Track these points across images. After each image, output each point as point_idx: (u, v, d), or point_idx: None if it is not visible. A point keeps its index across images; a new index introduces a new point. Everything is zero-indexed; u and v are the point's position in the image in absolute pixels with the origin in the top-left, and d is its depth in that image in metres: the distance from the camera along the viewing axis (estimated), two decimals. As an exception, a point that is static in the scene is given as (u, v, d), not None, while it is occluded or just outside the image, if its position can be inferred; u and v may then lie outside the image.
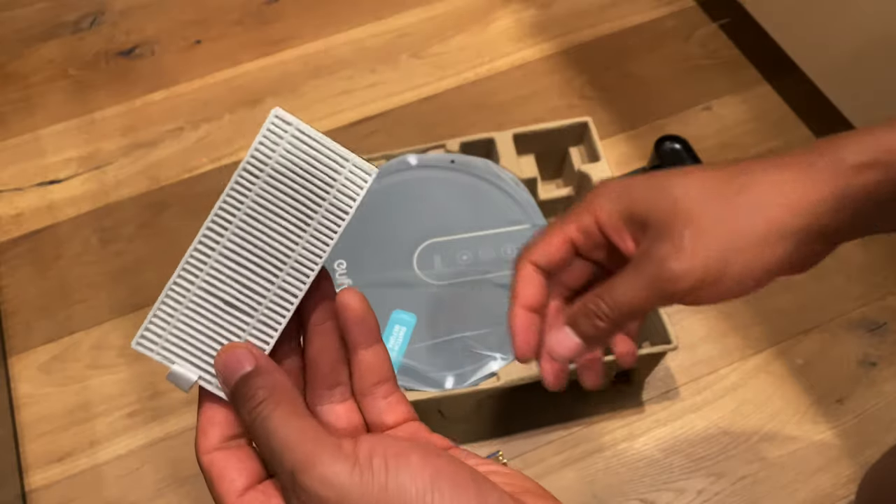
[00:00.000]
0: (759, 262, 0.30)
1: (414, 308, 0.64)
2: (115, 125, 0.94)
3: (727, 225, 0.30)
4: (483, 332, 0.63)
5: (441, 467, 0.21)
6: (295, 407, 0.23)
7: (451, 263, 0.66)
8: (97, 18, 1.04)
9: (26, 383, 0.75)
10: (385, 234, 0.68)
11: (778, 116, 0.90)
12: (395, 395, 0.27)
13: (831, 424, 0.70)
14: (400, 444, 0.21)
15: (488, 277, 0.66)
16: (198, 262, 0.25)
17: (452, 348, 0.62)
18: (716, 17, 1.00)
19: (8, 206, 0.88)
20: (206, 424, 0.25)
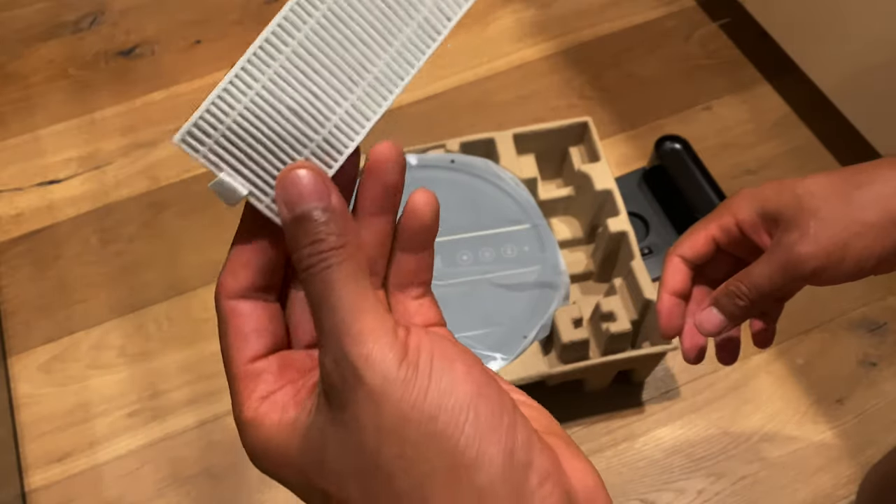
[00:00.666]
0: (877, 246, 0.35)
1: None
2: (115, 125, 0.94)
3: (848, 215, 0.35)
4: (483, 332, 0.63)
5: (483, 386, 0.19)
6: (363, 268, 0.20)
7: (451, 263, 0.67)
8: (97, 18, 1.04)
9: (26, 383, 0.75)
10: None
11: (778, 116, 0.90)
12: (427, 297, 0.24)
13: (831, 424, 0.70)
14: (448, 348, 0.20)
15: (488, 277, 0.66)
16: (267, 56, 0.21)
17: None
18: (716, 16, 1.00)
19: (8, 206, 0.88)
20: (237, 264, 0.21)
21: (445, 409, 0.18)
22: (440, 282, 0.66)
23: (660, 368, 0.73)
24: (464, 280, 0.66)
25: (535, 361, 0.63)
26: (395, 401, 0.18)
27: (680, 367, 0.74)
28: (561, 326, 0.63)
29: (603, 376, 0.69)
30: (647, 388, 0.72)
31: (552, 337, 0.65)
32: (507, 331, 0.62)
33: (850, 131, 0.81)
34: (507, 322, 0.63)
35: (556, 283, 0.66)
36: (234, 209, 0.37)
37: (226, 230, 0.93)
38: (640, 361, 0.67)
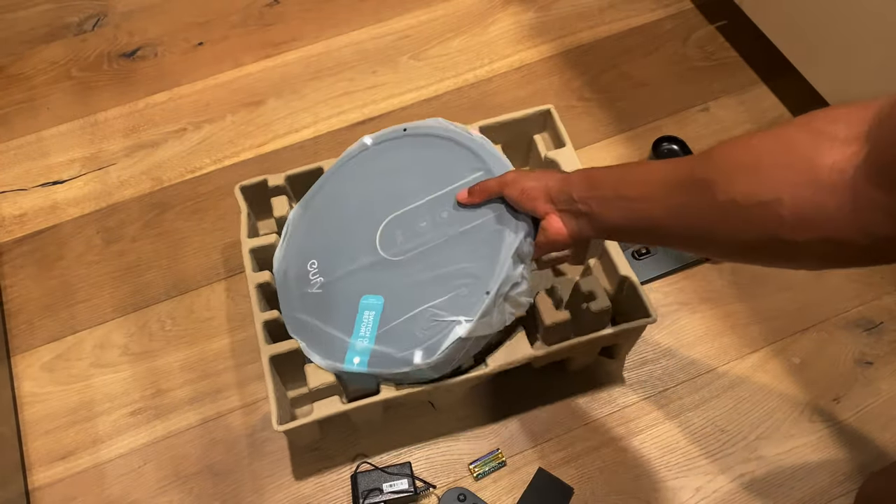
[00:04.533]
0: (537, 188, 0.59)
1: (381, 290, 0.63)
2: (118, 126, 0.94)
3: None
4: (446, 298, 0.60)
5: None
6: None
7: (412, 234, 0.64)
8: (100, 20, 1.05)
9: (29, 382, 0.76)
10: (349, 224, 0.67)
11: (775, 117, 0.91)
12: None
13: (828, 423, 0.71)
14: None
15: (448, 237, 0.62)
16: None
17: (419, 321, 0.60)
18: (713, 19, 1.00)
19: (12, 207, 0.88)
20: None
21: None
22: (401, 256, 0.63)
23: (658, 367, 0.74)
24: (424, 248, 0.63)
25: (521, 345, 0.64)
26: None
27: (678, 366, 0.74)
28: (542, 309, 0.64)
29: (586, 355, 0.70)
30: (646, 386, 0.73)
31: (534, 320, 0.66)
32: (469, 291, 0.59)
33: (847, 132, 0.82)
34: (470, 281, 0.59)
35: (509, 223, 0.60)
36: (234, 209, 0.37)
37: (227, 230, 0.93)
38: (622, 337, 0.67)
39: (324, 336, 0.63)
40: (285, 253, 0.70)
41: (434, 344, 0.58)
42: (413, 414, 0.72)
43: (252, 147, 0.91)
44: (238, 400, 0.74)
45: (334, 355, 0.62)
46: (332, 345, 0.62)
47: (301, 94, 0.96)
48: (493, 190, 0.59)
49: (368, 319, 0.62)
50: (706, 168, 0.41)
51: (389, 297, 0.62)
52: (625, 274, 0.67)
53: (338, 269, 0.66)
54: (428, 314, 0.59)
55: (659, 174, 0.45)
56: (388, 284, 0.63)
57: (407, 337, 0.60)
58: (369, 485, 0.66)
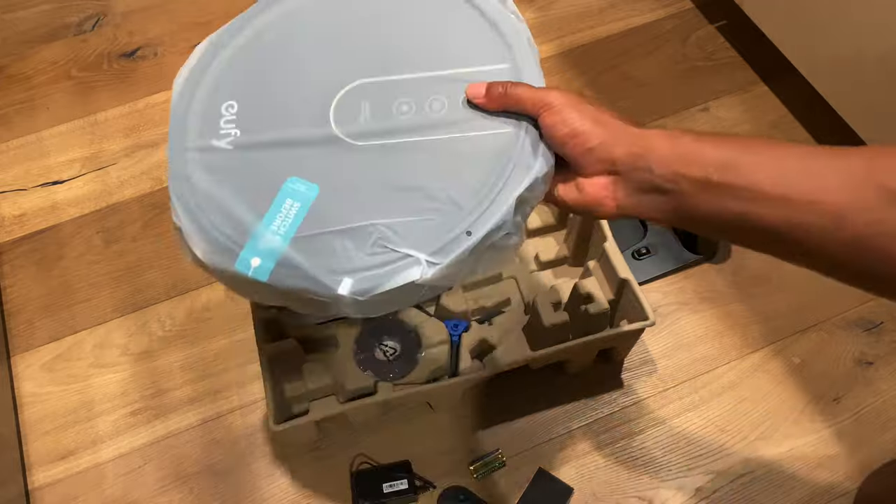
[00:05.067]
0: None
1: (318, 177, 0.44)
2: (118, 126, 0.94)
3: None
4: (406, 221, 0.42)
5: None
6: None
7: (383, 116, 0.45)
8: (100, 20, 1.05)
9: (29, 382, 0.76)
10: (296, 72, 0.48)
11: (775, 117, 0.91)
12: None
13: (828, 423, 0.71)
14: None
15: (433, 139, 0.44)
16: None
17: (359, 239, 0.42)
18: (713, 18, 1.00)
19: (12, 207, 0.88)
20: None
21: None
22: (362, 141, 0.45)
23: (658, 367, 0.74)
24: (397, 141, 0.45)
25: (519, 347, 0.64)
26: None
27: (678, 366, 0.74)
28: (542, 310, 0.64)
29: (585, 356, 0.70)
30: (646, 386, 0.73)
31: (533, 321, 0.65)
32: (441, 221, 0.42)
33: (847, 132, 0.82)
34: (446, 208, 0.42)
35: (525, 150, 0.43)
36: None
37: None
38: (620, 339, 0.67)
39: (217, 212, 0.44)
40: (190, 76, 0.49)
41: (372, 278, 0.41)
42: (412, 414, 0.72)
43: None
44: (238, 400, 0.74)
45: (225, 245, 0.42)
46: (227, 228, 0.43)
47: (301, 94, 0.96)
48: (524, 104, 0.42)
49: (289, 211, 0.43)
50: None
51: (327, 191, 0.44)
52: (624, 276, 0.67)
53: (265, 127, 0.46)
54: (375, 233, 0.42)
55: (823, 165, 0.33)
56: (331, 174, 0.44)
57: (336, 254, 0.42)
58: (369, 484, 0.66)
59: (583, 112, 0.41)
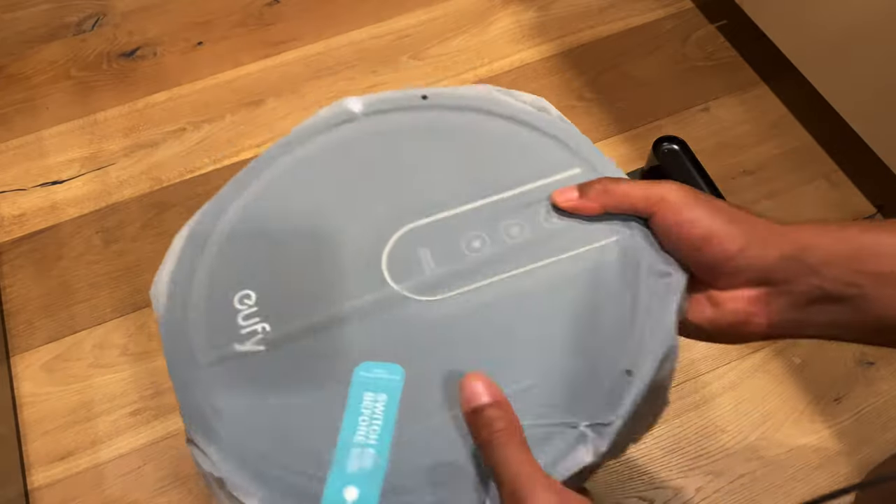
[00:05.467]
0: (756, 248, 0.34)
1: (394, 354, 0.33)
2: (118, 126, 0.94)
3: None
4: (535, 382, 0.32)
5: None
6: (524, 441, 0.27)
7: (453, 258, 0.36)
8: (100, 20, 1.05)
9: (29, 382, 0.76)
10: (327, 228, 0.37)
11: (775, 117, 0.91)
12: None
13: (829, 423, 0.71)
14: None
15: (529, 269, 0.35)
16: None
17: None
18: (713, 18, 1.00)
19: (11, 207, 0.88)
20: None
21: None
22: (436, 295, 0.34)
23: (658, 367, 0.74)
24: (477, 285, 0.35)
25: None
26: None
27: (678, 367, 0.74)
28: None
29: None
30: (646, 386, 0.73)
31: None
32: (583, 368, 0.32)
33: (848, 132, 0.82)
34: (581, 350, 0.33)
35: (658, 265, 0.34)
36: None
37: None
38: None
39: (270, 441, 0.32)
40: (175, 277, 0.38)
41: (545, 465, 0.30)
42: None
43: (251, 147, 0.91)
44: (238, 400, 0.74)
45: (296, 486, 0.30)
46: (290, 460, 0.31)
47: (301, 93, 0.96)
48: (633, 200, 0.34)
49: (374, 409, 0.32)
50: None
51: (415, 369, 0.33)
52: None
53: (303, 310, 0.35)
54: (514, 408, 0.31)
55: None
56: (412, 345, 0.33)
57: (464, 451, 0.31)
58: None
59: (711, 208, 0.32)
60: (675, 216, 0.32)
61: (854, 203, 0.85)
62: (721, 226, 0.32)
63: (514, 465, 0.26)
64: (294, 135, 0.40)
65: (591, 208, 0.35)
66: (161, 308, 0.37)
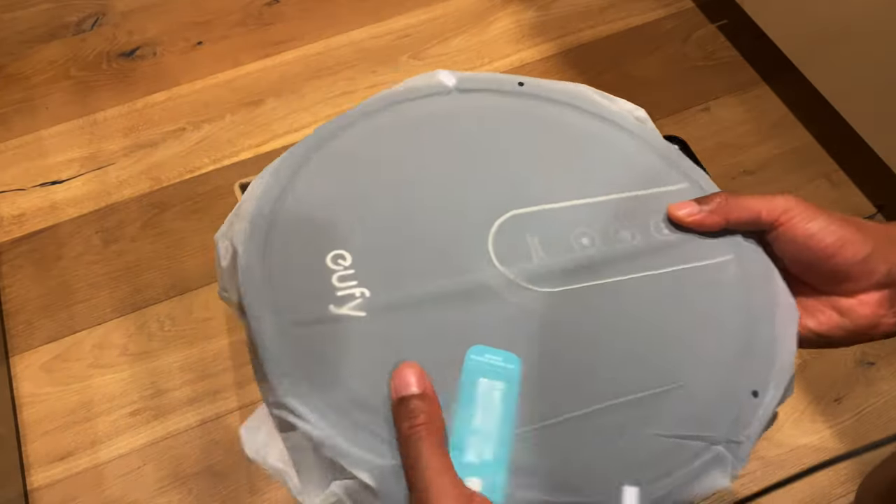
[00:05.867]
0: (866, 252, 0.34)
1: (508, 342, 0.31)
2: (117, 126, 0.94)
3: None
4: (664, 390, 0.30)
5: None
6: (442, 439, 0.26)
7: (563, 251, 0.34)
8: (99, 20, 1.05)
9: (28, 382, 0.76)
10: (425, 199, 0.35)
11: (776, 117, 0.91)
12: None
13: (829, 423, 0.71)
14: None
15: (651, 275, 0.34)
16: None
17: (623, 427, 0.29)
18: (714, 18, 1.00)
19: (10, 207, 0.88)
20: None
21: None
22: (546, 287, 0.32)
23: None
24: (595, 283, 0.33)
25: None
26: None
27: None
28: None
29: None
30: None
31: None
32: (712, 381, 0.31)
33: (848, 132, 0.82)
34: (709, 369, 0.31)
35: (773, 286, 0.34)
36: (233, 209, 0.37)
37: (227, 230, 0.92)
38: None
39: (372, 415, 0.28)
40: (256, 222, 0.33)
41: (668, 484, 0.28)
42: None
43: (251, 147, 0.91)
44: (237, 401, 0.73)
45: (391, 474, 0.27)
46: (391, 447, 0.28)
47: (300, 93, 0.96)
48: (756, 213, 0.34)
49: (490, 396, 0.29)
50: None
51: (532, 360, 0.31)
52: None
53: (403, 279, 0.32)
54: (629, 415, 0.30)
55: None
56: (527, 335, 0.31)
57: (592, 452, 0.29)
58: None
59: (834, 216, 0.33)
60: (805, 226, 0.33)
61: (854, 203, 0.85)
62: (851, 232, 0.32)
63: (429, 469, 0.25)
64: (381, 99, 0.38)
65: (715, 222, 0.34)
66: (242, 258, 0.32)
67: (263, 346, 0.29)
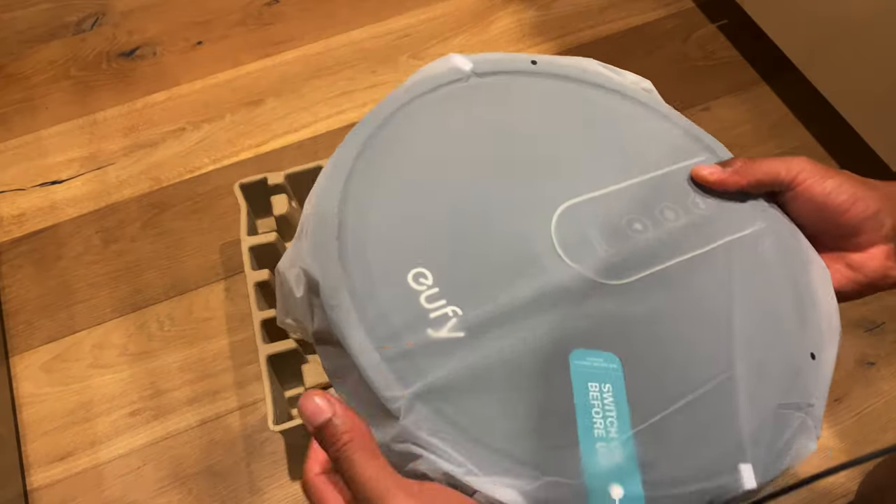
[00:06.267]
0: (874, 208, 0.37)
1: (600, 341, 0.31)
2: (117, 126, 0.94)
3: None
4: (753, 362, 0.31)
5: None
6: (372, 447, 0.27)
7: (618, 239, 0.34)
8: (99, 19, 1.05)
9: (28, 382, 0.76)
10: (482, 199, 0.34)
11: (776, 117, 0.91)
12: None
13: (829, 423, 0.70)
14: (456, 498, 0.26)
15: (704, 252, 0.35)
16: None
17: (712, 405, 0.30)
18: (714, 18, 1.00)
19: (10, 207, 0.88)
20: (316, 452, 0.29)
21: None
22: (618, 280, 0.33)
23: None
24: (664, 267, 0.34)
25: None
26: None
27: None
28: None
29: None
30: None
31: None
32: (788, 348, 0.32)
33: (848, 132, 0.82)
34: (770, 338, 0.33)
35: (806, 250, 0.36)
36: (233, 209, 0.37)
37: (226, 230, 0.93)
38: None
39: (506, 440, 0.28)
40: (319, 242, 0.31)
41: (770, 452, 0.30)
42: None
43: (251, 147, 0.91)
44: (237, 401, 0.73)
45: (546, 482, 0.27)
46: (526, 453, 0.28)
47: (300, 93, 0.96)
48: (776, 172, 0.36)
49: (603, 399, 0.29)
50: None
51: (629, 357, 0.31)
52: None
53: (487, 292, 0.31)
54: (731, 389, 0.31)
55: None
56: (616, 331, 0.32)
57: (699, 440, 0.29)
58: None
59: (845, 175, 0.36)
60: (822, 184, 0.36)
61: (855, 203, 0.85)
62: (862, 189, 0.35)
63: (370, 479, 0.26)
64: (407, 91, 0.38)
65: (736, 181, 0.37)
66: (327, 289, 0.30)
67: (368, 374, 0.28)
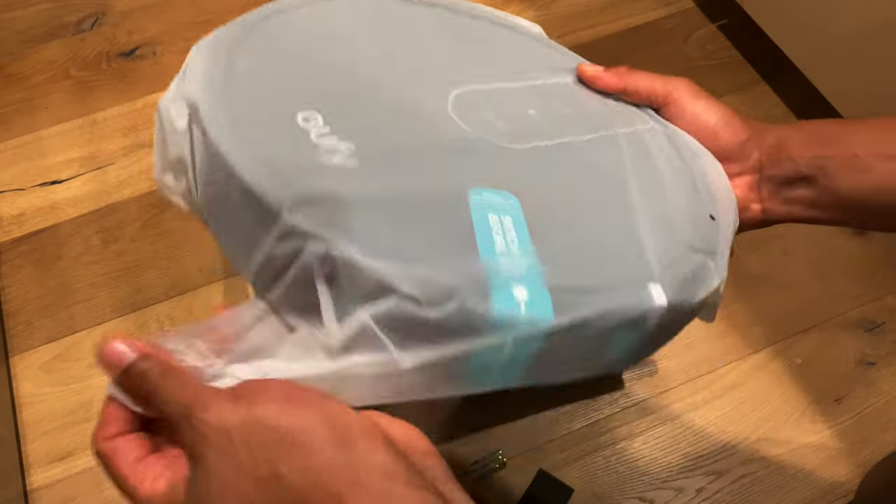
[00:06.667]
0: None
1: (500, 184, 0.32)
2: (117, 125, 0.94)
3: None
4: (656, 214, 0.34)
5: (294, 394, 0.25)
6: (186, 371, 0.27)
7: (518, 119, 0.37)
8: (99, 19, 1.05)
9: (28, 382, 0.76)
10: (379, 73, 0.36)
11: (776, 116, 0.91)
12: None
13: (829, 424, 0.70)
14: (267, 381, 0.26)
15: (602, 136, 0.38)
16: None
17: (621, 242, 0.33)
18: (714, 18, 1.00)
19: (10, 207, 0.88)
20: (106, 417, 0.28)
21: (269, 416, 0.24)
22: (515, 144, 0.36)
23: (659, 368, 0.74)
24: (562, 141, 0.37)
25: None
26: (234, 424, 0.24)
27: (679, 367, 0.74)
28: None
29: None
30: (647, 386, 0.73)
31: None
32: (692, 211, 0.35)
33: (848, 132, 0.82)
34: (677, 204, 0.35)
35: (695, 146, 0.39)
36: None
37: (227, 230, 0.91)
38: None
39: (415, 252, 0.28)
40: (209, 89, 0.33)
41: (679, 283, 0.31)
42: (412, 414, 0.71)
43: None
44: (237, 401, 0.73)
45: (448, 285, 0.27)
46: (436, 268, 0.27)
47: (300, 93, 0.96)
48: (653, 84, 0.40)
49: (502, 226, 0.30)
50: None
51: (528, 200, 0.32)
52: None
53: (380, 135, 0.33)
54: (635, 232, 0.33)
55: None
56: (513, 180, 0.33)
57: (609, 263, 0.31)
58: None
59: (714, 100, 0.38)
60: (692, 103, 0.38)
61: (855, 203, 0.85)
62: (732, 116, 0.37)
63: (182, 390, 0.26)
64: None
65: (614, 82, 0.41)
66: (210, 110, 0.31)
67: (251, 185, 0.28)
